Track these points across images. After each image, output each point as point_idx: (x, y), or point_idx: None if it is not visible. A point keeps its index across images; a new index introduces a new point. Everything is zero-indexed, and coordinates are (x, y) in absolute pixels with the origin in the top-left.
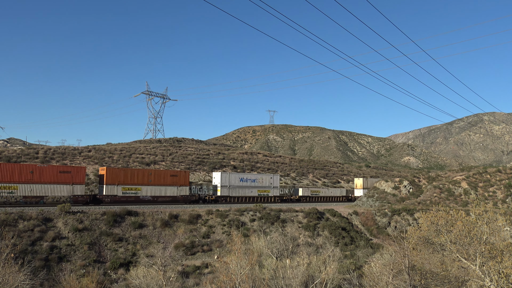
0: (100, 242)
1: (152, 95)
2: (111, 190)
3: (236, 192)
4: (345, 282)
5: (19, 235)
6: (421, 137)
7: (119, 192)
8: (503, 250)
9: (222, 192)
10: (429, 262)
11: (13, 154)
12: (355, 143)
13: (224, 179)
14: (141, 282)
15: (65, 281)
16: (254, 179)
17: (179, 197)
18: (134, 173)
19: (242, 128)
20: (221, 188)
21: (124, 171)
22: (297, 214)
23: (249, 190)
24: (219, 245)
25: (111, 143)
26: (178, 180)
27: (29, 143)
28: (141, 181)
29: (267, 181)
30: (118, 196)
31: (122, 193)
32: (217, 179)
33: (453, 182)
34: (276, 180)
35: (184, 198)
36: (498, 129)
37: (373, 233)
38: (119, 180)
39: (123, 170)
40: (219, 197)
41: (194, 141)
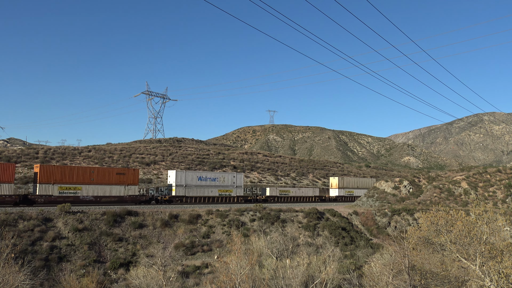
0: (100, 242)
1: (152, 95)
2: (45, 189)
3: (194, 192)
4: (345, 282)
5: (19, 235)
6: (421, 137)
7: (55, 191)
8: (503, 250)
9: (178, 192)
10: (429, 262)
11: (13, 154)
12: (355, 143)
13: (179, 178)
14: (141, 282)
15: (65, 281)
16: (215, 178)
17: (126, 197)
18: (73, 171)
19: (242, 128)
20: (176, 187)
21: (61, 169)
22: (297, 214)
23: (209, 190)
24: (219, 245)
25: (111, 143)
26: (126, 179)
27: (29, 143)
28: (82, 180)
29: (229, 180)
30: (54, 196)
31: (59, 192)
32: (172, 178)
33: (453, 182)
34: (240, 179)
35: (132, 198)
36: (498, 129)
37: (373, 233)
38: (56, 179)
39: (60, 168)
40: (173, 197)
41: (194, 141)
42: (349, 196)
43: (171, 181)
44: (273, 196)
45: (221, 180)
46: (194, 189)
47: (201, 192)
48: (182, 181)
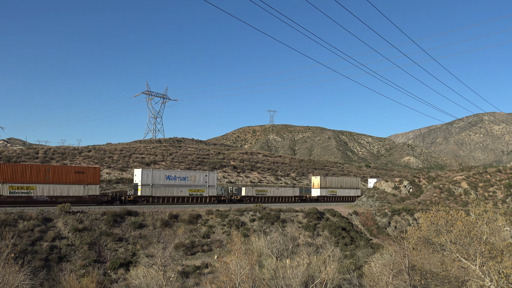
0: (100, 242)
1: (152, 95)
2: None
3: (161, 191)
4: (345, 282)
5: (19, 235)
6: (421, 137)
7: (5, 191)
8: (503, 250)
9: (144, 191)
10: (429, 262)
11: (13, 154)
12: (355, 143)
13: (145, 177)
14: (141, 282)
15: (65, 281)
16: (185, 177)
17: (86, 197)
18: (26, 169)
19: (242, 128)
20: (141, 187)
21: (12, 167)
22: (297, 214)
23: (178, 190)
24: (219, 245)
25: (111, 143)
26: (86, 178)
27: (29, 143)
28: (36, 179)
29: (201, 179)
30: (4, 196)
31: (9, 192)
32: (137, 177)
33: (453, 182)
34: (213, 178)
35: (92, 198)
36: (498, 129)
37: (373, 233)
38: (6, 178)
39: (11, 166)
40: (139, 197)
41: (194, 141)
42: (332, 196)
43: (137, 180)
44: (249, 196)
45: (191, 179)
46: (162, 189)
47: (169, 191)
48: (149, 180)
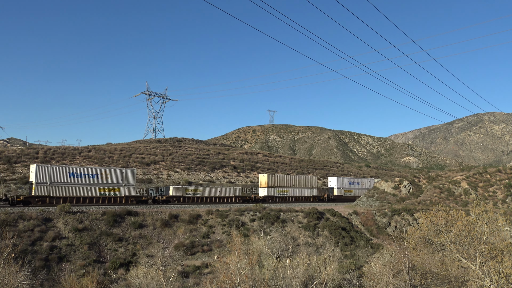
0: (100, 242)
1: (152, 95)
2: None
3: (62, 191)
4: (345, 282)
5: (19, 235)
6: (421, 137)
7: None
8: (503, 250)
9: (39, 191)
10: (429, 262)
11: (13, 154)
12: (355, 143)
13: (41, 174)
14: (141, 282)
15: (65, 281)
16: (95, 174)
17: None
18: None
19: (242, 128)
20: (36, 185)
21: None
22: (297, 214)
23: (86, 189)
24: (219, 245)
25: (111, 143)
26: None
27: (29, 143)
28: None
29: (116, 177)
30: None
31: None
32: (32, 174)
33: (453, 182)
34: (131, 175)
35: None
36: (498, 129)
37: (373, 233)
38: None
39: None
40: (32, 198)
41: (194, 141)
42: (282, 196)
43: (32, 177)
44: (177, 196)
45: (103, 176)
46: (63, 188)
47: (73, 191)
48: (46, 178)
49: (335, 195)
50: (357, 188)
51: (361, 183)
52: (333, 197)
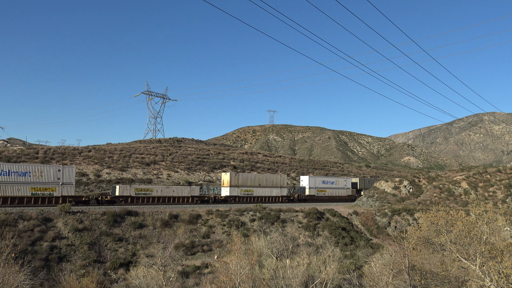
0: (100, 242)
1: (152, 95)
2: None
3: None
4: (345, 282)
5: (19, 235)
6: (421, 137)
7: None
8: (503, 250)
9: None
10: (429, 262)
11: (13, 154)
12: (355, 143)
13: None
14: (141, 282)
15: (65, 281)
16: (25, 171)
17: None
18: None
19: (242, 128)
20: None
21: None
22: (297, 214)
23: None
24: (219, 245)
25: (111, 143)
26: None
27: (29, 143)
28: None
29: (52, 175)
30: None
31: None
32: None
33: (453, 182)
34: (70, 173)
35: None
36: (498, 129)
37: (373, 233)
38: None
39: None
40: None
41: (194, 141)
42: (247, 196)
43: None
44: (124, 196)
45: (36, 174)
46: None
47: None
48: None
49: (307, 195)
50: (332, 187)
51: (336, 182)
52: (304, 197)
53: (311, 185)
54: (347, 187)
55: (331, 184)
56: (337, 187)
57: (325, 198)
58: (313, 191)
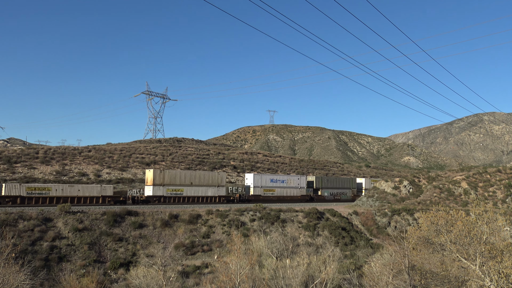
0: (100, 242)
1: (152, 95)
2: None
3: None
4: (345, 282)
5: (19, 235)
6: (421, 137)
7: None
8: (503, 250)
9: None
10: (429, 262)
11: (13, 154)
12: (355, 143)
13: None
14: (141, 282)
15: (65, 281)
16: None
17: None
18: None
19: (242, 128)
20: None
21: None
22: (297, 214)
23: None
24: (219, 245)
25: (111, 143)
26: None
27: (29, 143)
28: None
29: None
30: None
31: None
32: None
33: (453, 182)
34: None
35: None
36: (498, 129)
37: (373, 233)
38: None
39: None
40: None
41: (194, 141)
42: (175, 196)
43: None
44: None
45: None
46: None
47: None
48: None
49: (252, 195)
50: (282, 187)
51: (287, 181)
52: (248, 198)
53: (256, 184)
54: (300, 186)
55: (281, 182)
56: (288, 186)
57: (273, 198)
58: (259, 191)
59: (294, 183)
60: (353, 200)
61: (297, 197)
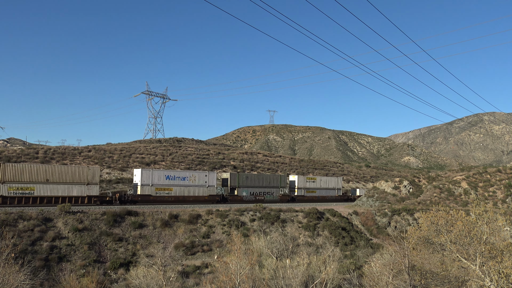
0: (100, 242)
1: (152, 95)
2: None
3: None
4: (345, 282)
5: (19, 235)
6: (421, 137)
7: None
8: (503, 250)
9: None
10: (429, 262)
11: (13, 154)
12: (355, 143)
13: None
14: (141, 282)
15: (65, 281)
16: None
17: None
18: None
19: (242, 128)
20: None
21: None
22: (297, 214)
23: None
24: (219, 245)
25: (111, 143)
26: None
27: (29, 143)
28: None
29: None
30: None
31: None
32: None
33: (453, 182)
34: None
35: None
36: (498, 129)
37: (373, 233)
38: None
39: None
40: None
41: (194, 141)
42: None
43: None
44: None
45: None
46: None
47: None
48: None
49: (140, 195)
50: (182, 185)
51: (190, 178)
52: (132, 198)
53: (145, 181)
54: (209, 184)
55: (181, 180)
56: (192, 185)
57: (169, 199)
58: (149, 190)
59: (200, 181)
60: (282, 201)
61: (204, 197)
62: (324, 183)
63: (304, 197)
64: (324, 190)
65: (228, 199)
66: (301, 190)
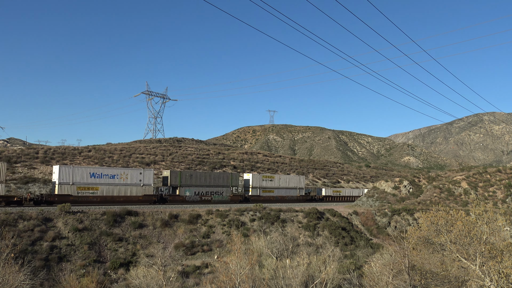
0: (100, 242)
1: (152, 95)
2: None
3: None
4: (345, 282)
5: (19, 235)
6: (421, 137)
7: None
8: (503, 250)
9: None
10: (429, 262)
11: (13, 154)
12: (355, 143)
13: None
14: (141, 282)
15: (65, 281)
16: None
17: None
18: None
19: (242, 128)
20: None
21: None
22: (297, 214)
23: None
24: (219, 245)
25: (111, 143)
26: None
27: (29, 143)
28: None
29: None
30: None
31: None
32: None
33: (453, 182)
34: None
35: None
36: (498, 129)
37: (373, 233)
38: None
39: None
40: None
41: (194, 141)
42: None
43: None
44: None
45: None
46: None
47: None
48: None
49: (56, 195)
50: (111, 184)
51: (122, 175)
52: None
53: (64, 180)
54: (145, 183)
55: (110, 178)
56: (123, 183)
57: (93, 199)
58: (70, 189)
59: (133, 179)
60: (232, 202)
61: (137, 197)
62: (283, 182)
63: (259, 197)
64: (283, 190)
65: (167, 200)
66: (256, 189)
